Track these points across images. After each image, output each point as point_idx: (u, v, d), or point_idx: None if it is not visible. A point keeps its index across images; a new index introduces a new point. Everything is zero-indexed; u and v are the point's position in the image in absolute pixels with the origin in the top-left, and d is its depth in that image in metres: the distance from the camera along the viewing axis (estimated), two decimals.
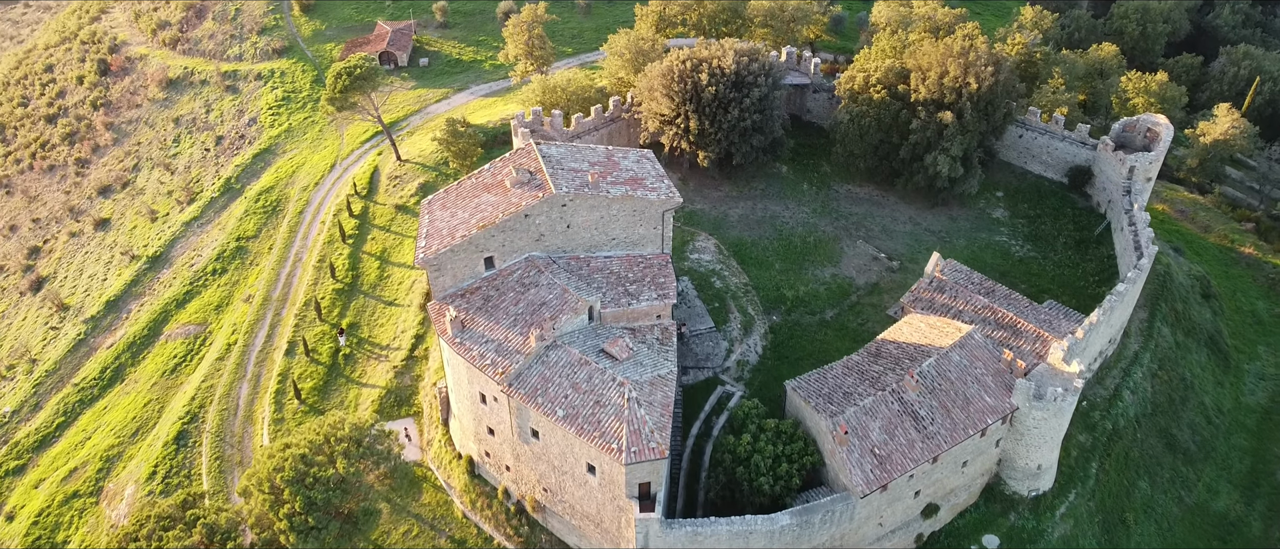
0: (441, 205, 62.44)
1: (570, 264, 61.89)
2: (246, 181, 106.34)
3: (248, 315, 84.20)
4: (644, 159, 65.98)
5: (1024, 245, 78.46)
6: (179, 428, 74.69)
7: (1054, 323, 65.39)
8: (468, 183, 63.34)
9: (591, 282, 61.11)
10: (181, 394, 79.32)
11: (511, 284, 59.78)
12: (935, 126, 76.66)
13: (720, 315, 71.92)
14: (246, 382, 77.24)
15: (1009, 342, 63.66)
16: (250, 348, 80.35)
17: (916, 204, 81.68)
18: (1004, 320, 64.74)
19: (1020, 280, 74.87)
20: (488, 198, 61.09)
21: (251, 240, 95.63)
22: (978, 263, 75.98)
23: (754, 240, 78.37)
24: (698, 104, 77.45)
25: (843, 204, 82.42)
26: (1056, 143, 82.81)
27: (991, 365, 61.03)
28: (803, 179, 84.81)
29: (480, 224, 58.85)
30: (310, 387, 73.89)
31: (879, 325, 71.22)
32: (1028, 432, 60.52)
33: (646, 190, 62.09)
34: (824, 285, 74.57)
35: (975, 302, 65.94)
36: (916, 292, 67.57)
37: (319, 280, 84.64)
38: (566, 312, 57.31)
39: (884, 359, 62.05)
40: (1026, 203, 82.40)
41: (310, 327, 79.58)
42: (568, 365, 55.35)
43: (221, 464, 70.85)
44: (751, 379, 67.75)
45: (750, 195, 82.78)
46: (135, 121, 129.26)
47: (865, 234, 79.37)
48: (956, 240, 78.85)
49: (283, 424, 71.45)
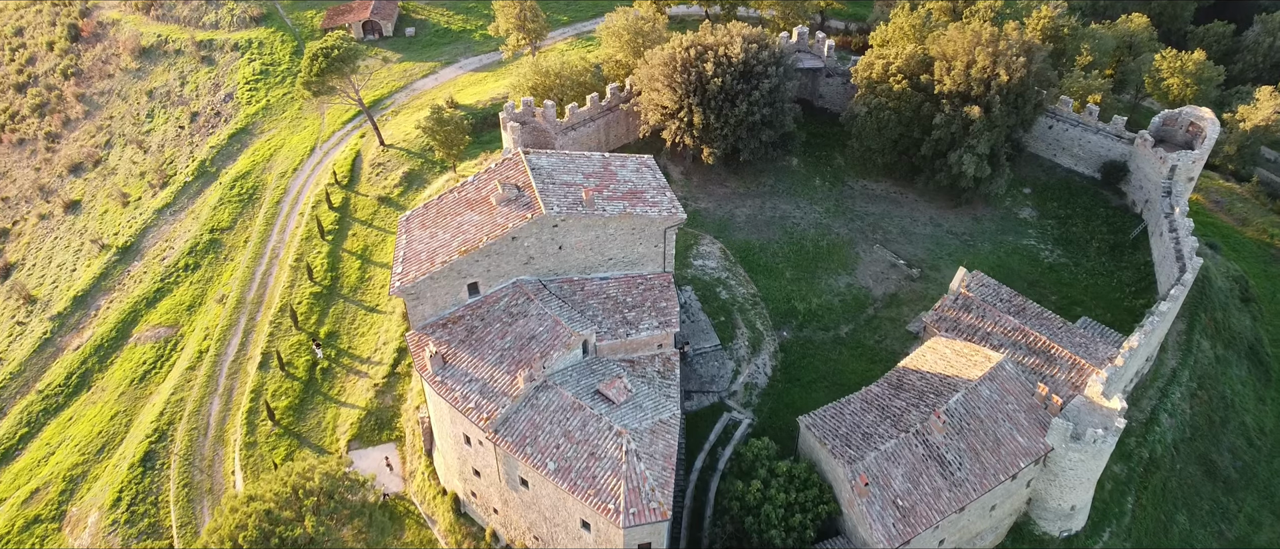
0: (420, 224, 56.59)
1: (562, 288, 56.27)
2: (222, 164, 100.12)
3: (221, 319, 78.77)
4: (643, 168, 59.96)
5: (1054, 250, 72.70)
6: (146, 448, 69.68)
7: (1090, 347, 59.96)
8: (449, 197, 57.40)
9: (586, 309, 55.56)
10: (150, 407, 74.20)
11: (498, 313, 54.22)
12: (961, 122, 70.40)
13: (726, 331, 66.46)
14: (218, 396, 72.06)
15: (1042, 370, 58.30)
16: (222, 358, 75.03)
17: (938, 203, 75.76)
18: (1036, 344, 59.29)
19: (1050, 291, 69.30)
20: (471, 216, 55.24)
21: (226, 232, 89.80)
22: (1004, 270, 70.38)
23: (762, 244, 72.59)
24: (702, 96, 71.10)
25: (858, 202, 76.45)
26: (1089, 135, 76.58)
27: (1024, 400, 55.76)
28: (815, 173, 78.74)
29: (463, 248, 53.10)
30: (285, 406, 68.72)
31: (897, 343, 65.94)
32: (1062, 472, 55.44)
33: (647, 206, 56.22)
34: (838, 297, 68.98)
35: (1004, 323, 60.41)
36: (940, 310, 62.01)
37: (296, 282, 79.06)
38: (558, 347, 51.84)
39: (906, 391, 56.74)
40: (1056, 201, 76.43)
41: (286, 336, 74.17)
42: (559, 410, 50.03)
43: (190, 492, 65.96)
44: (760, 405, 62.56)
45: (758, 192, 76.79)
46: (107, 94, 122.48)
47: (882, 237, 73.55)
48: (981, 244, 73.10)
49: (255, 449, 66.40)
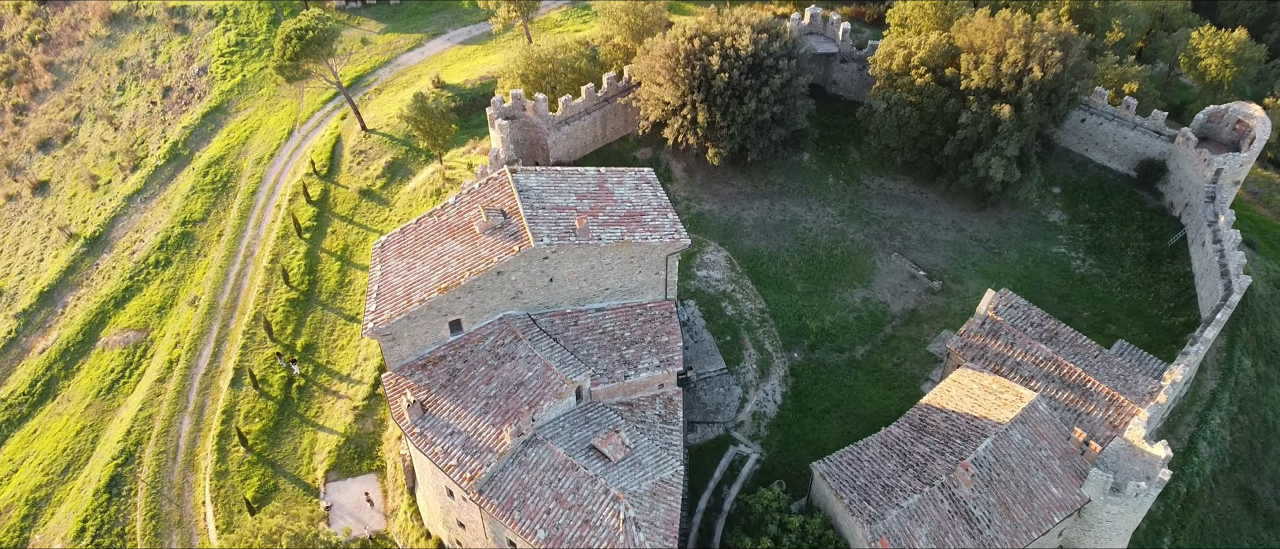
0: (397, 252, 51.26)
1: (553, 323, 51.18)
2: (195, 147, 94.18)
3: (192, 325, 73.75)
4: (643, 184, 54.42)
5: (1086, 259, 67.39)
6: (112, 471, 65.20)
7: (1129, 379, 55.09)
8: (428, 222, 51.97)
9: (579, 347, 50.52)
10: (117, 423, 69.57)
11: (482, 354, 49.20)
12: (989, 121, 64.55)
13: (732, 351, 61.56)
14: (188, 415, 67.38)
15: (1077, 406, 53.53)
16: (193, 370, 70.19)
17: (960, 205, 70.24)
18: (1071, 377, 54.40)
19: (1082, 306, 64.22)
20: (452, 245, 49.90)
21: (199, 225, 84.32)
22: (1033, 283, 65.25)
23: (772, 252, 67.26)
24: (707, 93, 65.17)
25: (874, 204, 70.91)
26: (1125, 131, 70.74)
27: (1058, 445, 51.05)
28: (827, 170, 73.04)
29: (443, 284, 47.89)
30: (259, 429, 64.06)
31: (917, 366, 61.10)
32: (1098, 523, 50.94)
33: (647, 231, 50.87)
34: (853, 313, 63.90)
35: (1036, 352, 55.43)
36: (966, 336, 57.00)
37: (271, 287, 73.87)
38: (548, 396, 46.93)
39: (930, 435, 52.00)
40: (1088, 203, 70.88)
41: (259, 349, 69.23)
42: (550, 469, 45.30)
43: (158, 524, 61.62)
44: (769, 437, 57.92)
45: (767, 192, 71.20)
46: (77, 62, 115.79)
47: (901, 244, 68.17)
48: (1007, 252, 67.77)
49: (227, 478, 61.90)
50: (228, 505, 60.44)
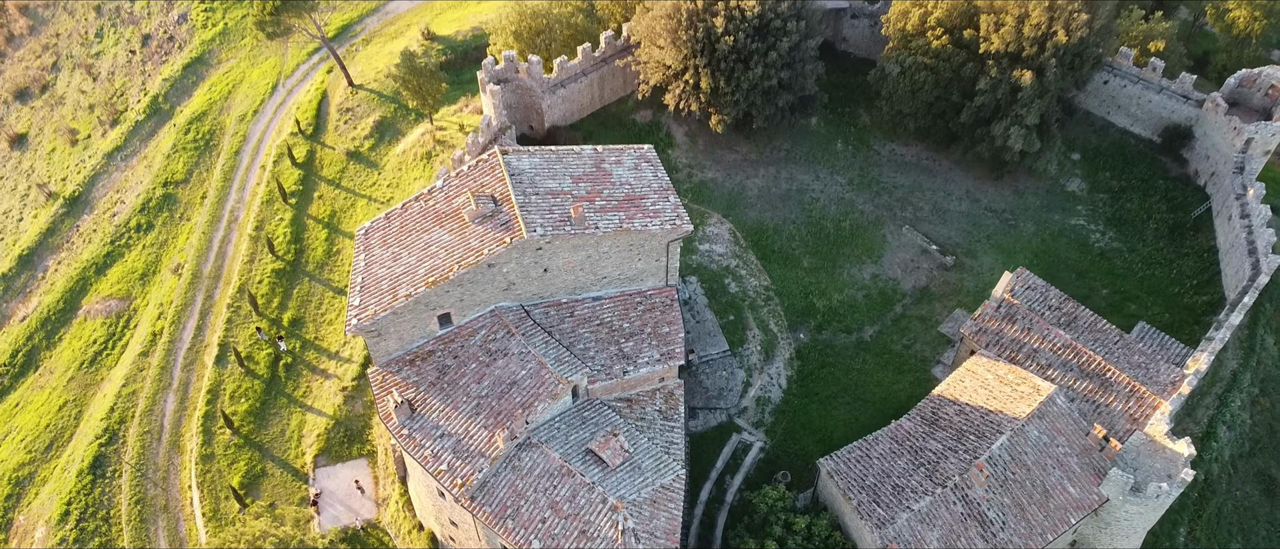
0: (381, 241, 48.32)
1: (548, 314, 48.54)
2: (176, 101, 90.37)
3: (175, 295, 71.09)
4: (643, 163, 51.24)
5: (1105, 232, 64.45)
6: (95, 451, 63.19)
7: (1150, 367, 52.72)
8: (414, 208, 48.90)
9: (575, 340, 47.96)
10: (101, 399, 67.40)
11: (473, 349, 46.66)
12: (1008, 87, 60.99)
13: (735, 332, 59.10)
14: (173, 393, 65.15)
15: (1096, 397, 51.25)
16: (177, 345, 67.74)
17: (975, 173, 67.01)
18: (1089, 366, 52.02)
19: (1101, 283, 61.53)
20: (440, 234, 46.96)
21: (181, 186, 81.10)
22: (1050, 258, 62.47)
23: (777, 225, 64.30)
24: (711, 57, 61.50)
25: (885, 171, 67.66)
26: (1150, 94, 67.14)
27: (1076, 441, 48.88)
28: (836, 134, 69.62)
29: (431, 279, 45.11)
30: (246, 409, 61.88)
31: (928, 348, 58.68)
32: (1115, 521, 49.02)
33: (647, 218, 47.91)
34: (862, 291, 61.24)
35: (1053, 338, 52.97)
36: (981, 320, 54.44)
37: (256, 257, 71.03)
38: (543, 397, 44.51)
39: (942, 429, 49.79)
40: (1109, 171, 67.65)
41: (245, 323, 66.72)
42: (545, 475, 43.12)
43: (143, 509, 59.82)
44: (773, 424, 55.78)
45: (773, 158, 67.92)
46: (52, 5, 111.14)
47: (913, 215, 65.17)
48: (1024, 224, 64.80)
49: (212, 462, 59.92)
50: (214, 491, 58.58)
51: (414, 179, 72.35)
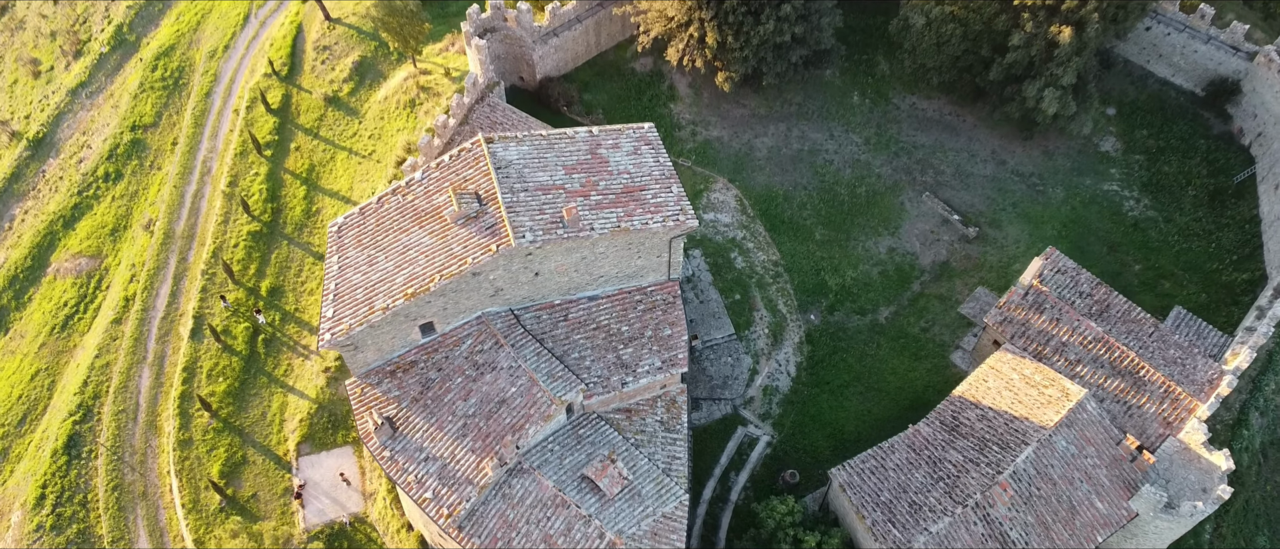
0: (356, 240, 44.02)
1: (540, 319, 44.67)
2: (142, 31, 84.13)
3: (148, 256, 67.03)
4: (643, 145, 46.49)
5: (1140, 199, 59.91)
6: (70, 429, 60.28)
7: (1186, 363, 49.21)
8: (391, 204, 44.41)
9: (570, 348, 44.24)
10: (74, 370, 64.16)
11: (459, 363, 42.98)
12: (1044, 42, 55.52)
13: (742, 312, 55.37)
14: (147, 367, 61.81)
15: (1128, 398, 47.93)
16: (150, 313, 64.07)
17: (1002, 131, 61.99)
18: (1122, 363, 48.54)
19: (1134, 257, 57.43)
20: (420, 236, 42.66)
21: (150, 130, 75.93)
22: (1080, 228, 58.24)
23: (787, 192, 59.76)
24: (718, 9, 55.80)
25: (905, 129, 62.62)
26: (1197, 44, 61.52)
27: (1106, 450, 45.78)
28: (853, 85, 64.24)
29: (410, 290, 41.08)
30: (223, 390, 58.65)
31: (947, 331, 55.06)
32: (1143, 532, 46.42)
33: (648, 213, 43.56)
34: (878, 266, 57.17)
35: (1084, 331, 49.31)
36: (1007, 308, 50.65)
37: (231, 216, 66.65)
38: (535, 419, 41.09)
39: (963, 438, 46.57)
40: (1146, 128, 62.58)
41: (221, 292, 62.84)
42: (538, 505, 40.12)
43: (121, 496, 57.27)
44: (781, 416, 52.63)
45: (783, 114, 62.81)
46: None
47: (933, 179, 60.52)
48: (1052, 189, 60.21)
49: (191, 448, 57.03)
50: (194, 480, 55.88)
51: (397, 130, 67.33)
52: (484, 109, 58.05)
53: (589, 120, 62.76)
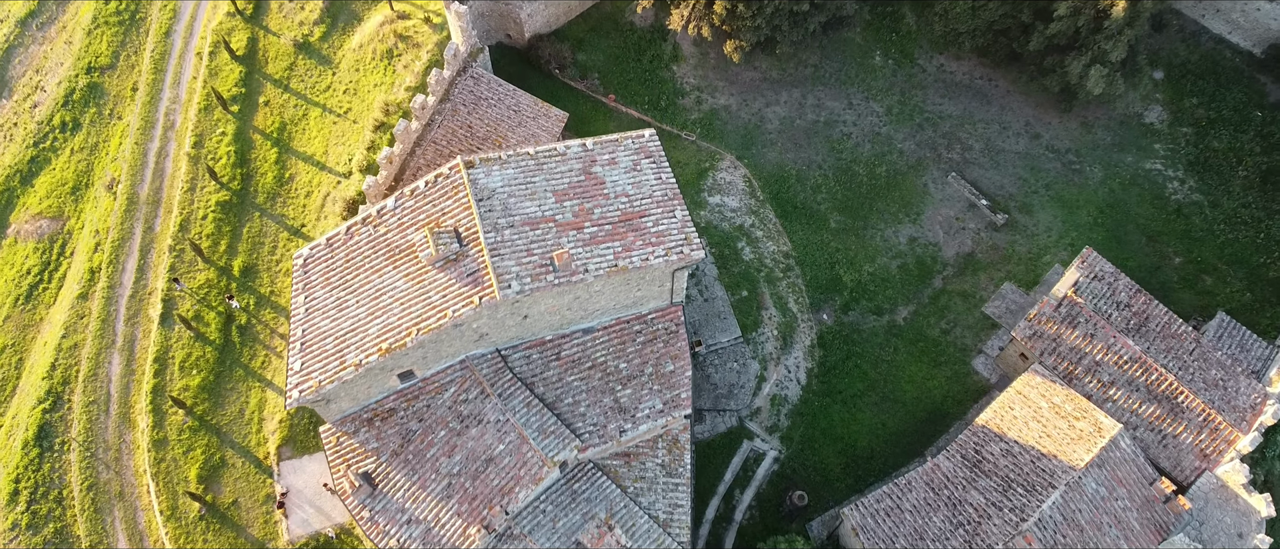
0: (323, 278, 39.61)
1: (529, 358, 40.78)
2: None
3: (112, 222, 62.47)
4: (643, 158, 41.44)
5: (1186, 180, 54.93)
6: (40, 419, 57.24)
7: (1229, 384, 45.70)
8: (361, 236, 39.74)
9: (563, 391, 40.54)
10: (41, 348, 60.60)
11: (441, 411, 39.39)
12: (1093, 13, 49.44)
13: (749, 311, 51.47)
14: (117, 353, 58.24)
15: (1164, 426, 44.66)
16: (117, 291, 60.02)
17: (1038, 98, 56.40)
18: (1159, 387, 45.04)
19: (1175, 248, 53.02)
20: (394, 277, 38.27)
21: (107, 73, 69.82)
22: (1118, 215, 53.63)
23: (800, 171, 54.74)
24: None
25: (931, 96, 56.97)
26: (1262, 2, 55.22)
27: (1138, 490, 42.82)
28: (875, 43, 58.17)
29: (385, 344, 37.04)
30: (198, 383, 55.27)
31: (969, 333, 51.28)
32: None
33: (648, 245, 39.08)
34: (897, 259, 52.82)
35: (1120, 350, 45.59)
36: (1038, 321, 46.77)
37: (197, 182, 61.70)
38: (525, 481, 37.83)
39: (986, 476, 43.46)
40: (1196, 95, 56.93)
41: (190, 272, 58.63)
42: None
43: (97, 496, 54.73)
44: (789, 429, 49.48)
45: (798, 78, 57.06)
46: None
47: (960, 156, 55.37)
48: (1090, 168, 55.18)
49: (167, 449, 54.13)
50: (171, 485, 53.21)
51: (374, 85, 61.66)
52: (467, 82, 52.43)
53: (584, 84, 57.03)
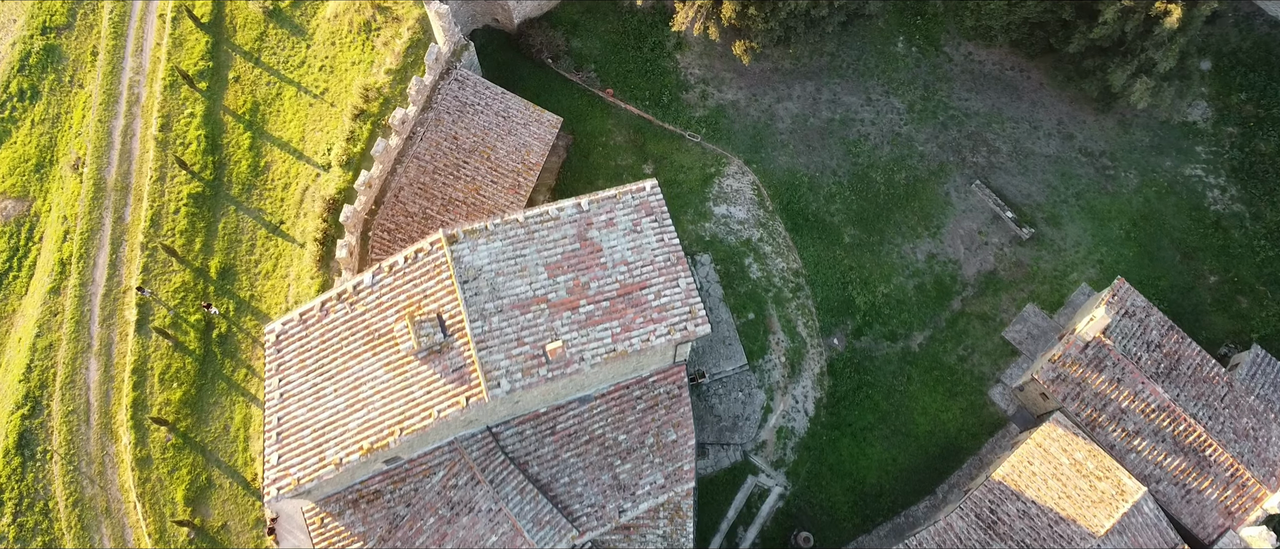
0: (299, 361, 36.61)
1: (523, 434, 38.31)
2: None
3: (80, 210, 58.87)
4: (643, 216, 37.77)
5: (1228, 187, 51.01)
6: (20, 425, 55.35)
7: (1260, 436, 43.49)
8: (337, 314, 36.49)
9: (559, 470, 38.29)
10: (15, 345, 58.03)
11: (430, 496, 37.23)
12: (1142, 19, 44.55)
13: (756, 335, 48.73)
14: (94, 357, 55.72)
15: (1189, 480, 42.72)
16: (90, 289, 56.97)
17: (1072, 93, 51.84)
18: (1186, 438, 42.86)
19: (1209, 266, 49.74)
20: (373, 365, 35.34)
21: (64, 33, 64.54)
22: (1152, 227, 50.13)
23: (813, 177, 50.80)
24: None
25: (957, 90, 52.35)
26: None
27: None
28: (898, 28, 53.13)
29: (366, 442, 34.48)
30: (180, 397, 53.04)
31: (988, 361, 48.72)
32: None
33: (650, 322, 36.08)
34: (914, 278, 49.58)
35: (1149, 397, 43.17)
36: (1063, 364, 44.09)
37: (166, 171, 57.74)
38: None
39: (1000, 538, 41.70)
40: (1244, 89, 52.32)
41: (164, 273, 55.51)
42: None
43: (83, 513, 53.31)
44: (796, 464, 47.53)
45: (813, 68, 52.34)
46: None
47: (986, 160, 51.29)
48: (1125, 174, 51.19)
49: (151, 467, 52.37)
50: (157, 506, 51.73)
51: (351, 64, 56.91)
52: (451, 86, 47.94)
53: (580, 77, 52.36)
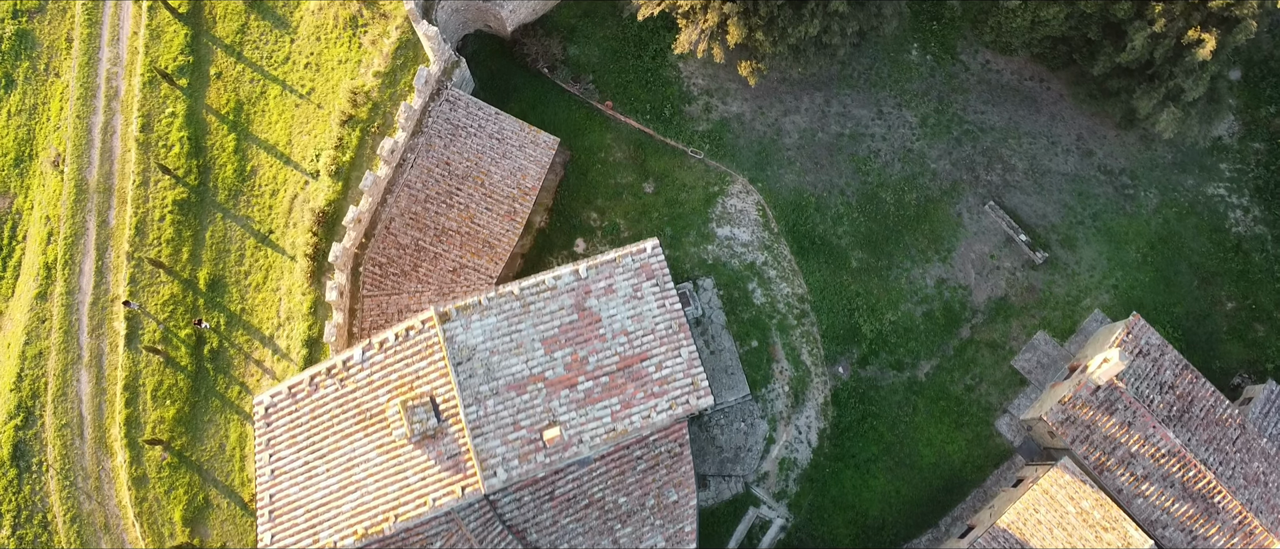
0: (289, 436, 35.56)
1: (520, 501, 37.49)
2: None
3: (63, 212, 57.10)
4: (644, 280, 36.25)
5: (1250, 207, 49.14)
6: (14, 437, 54.78)
7: (1271, 481, 42.87)
8: (328, 390, 35.25)
9: (559, 535, 37.68)
10: (5, 352, 57.09)
11: None
12: (1172, 45, 42.04)
13: (759, 364, 47.68)
14: (85, 369, 54.73)
15: (1197, 527, 42.28)
16: (77, 297, 55.56)
17: (1093, 107, 49.43)
18: (1196, 485, 42.24)
19: (1227, 291, 48.30)
20: (365, 447, 34.35)
21: (36, 17, 61.54)
22: (1170, 250, 48.55)
23: (820, 197, 48.88)
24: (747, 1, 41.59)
25: (973, 102, 49.93)
26: None
27: None
28: (912, 35, 50.37)
29: (360, 530, 33.74)
30: (173, 415, 52.24)
31: (995, 391, 47.80)
32: None
33: (651, 397, 35.10)
34: (923, 305, 48.17)
35: (1158, 441, 42.40)
36: (1073, 406, 43.14)
37: (149, 174, 55.72)
38: None
39: None
40: (1275, 104, 49.92)
41: (151, 283, 54.07)
42: None
43: (82, 528, 53.13)
44: (798, 495, 47.06)
45: (821, 79, 49.84)
46: None
47: (1001, 178, 49.27)
48: (1145, 193, 49.25)
49: (147, 486, 51.91)
50: (156, 526, 51.51)
51: (338, 62, 54.38)
52: (442, 107, 45.71)
53: (577, 87, 49.93)
